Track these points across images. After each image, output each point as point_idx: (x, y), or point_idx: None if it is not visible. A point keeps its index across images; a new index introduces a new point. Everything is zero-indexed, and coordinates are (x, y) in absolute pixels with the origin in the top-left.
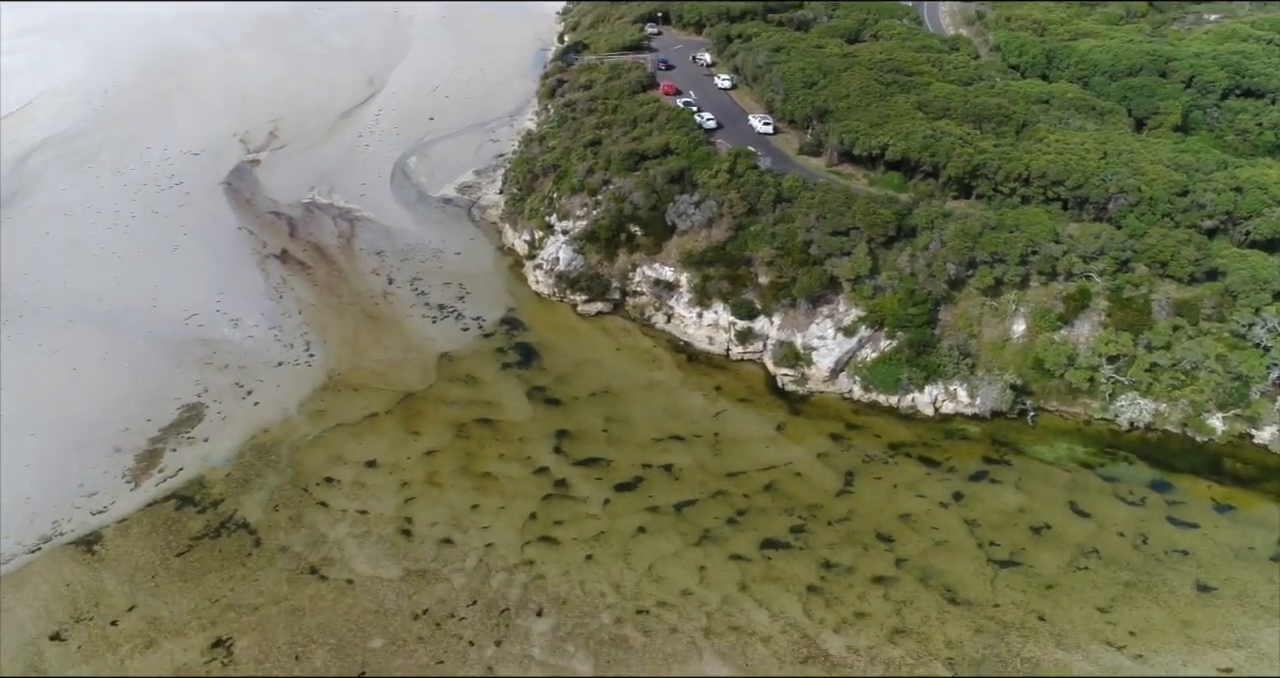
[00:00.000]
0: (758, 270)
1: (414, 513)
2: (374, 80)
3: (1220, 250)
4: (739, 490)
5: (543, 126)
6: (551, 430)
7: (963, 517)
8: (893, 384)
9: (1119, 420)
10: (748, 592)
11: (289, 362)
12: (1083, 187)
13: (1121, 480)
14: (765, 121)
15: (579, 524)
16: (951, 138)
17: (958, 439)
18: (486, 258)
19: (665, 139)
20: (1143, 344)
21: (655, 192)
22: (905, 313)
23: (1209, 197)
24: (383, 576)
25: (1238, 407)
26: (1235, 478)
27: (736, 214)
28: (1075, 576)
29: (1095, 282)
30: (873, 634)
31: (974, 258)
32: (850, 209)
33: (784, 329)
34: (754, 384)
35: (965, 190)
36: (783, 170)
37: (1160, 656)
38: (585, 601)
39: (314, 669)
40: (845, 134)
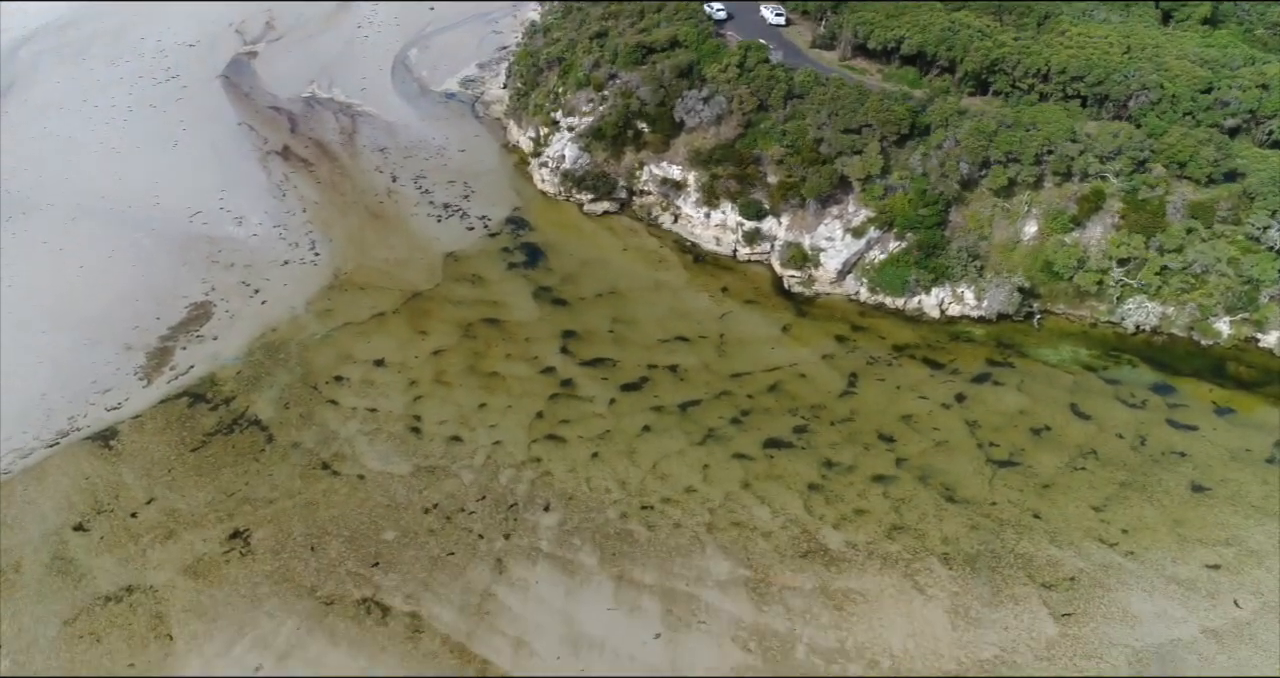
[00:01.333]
0: (766, 169)
1: (422, 411)
2: None
3: (1241, 151)
4: (743, 391)
5: (547, 17)
6: (558, 331)
7: (964, 418)
8: (900, 286)
9: (1125, 324)
10: (750, 489)
11: (294, 260)
12: (1103, 83)
13: (1124, 383)
14: (777, 12)
15: (585, 423)
16: (970, 31)
17: (962, 342)
18: (491, 155)
19: (673, 31)
20: (1155, 247)
21: (663, 87)
22: (915, 214)
23: (1234, 94)
24: (393, 471)
25: (1246, 311)
26: (1237, 381)
27: (746, 111)
28: (1072, 476)
29: (1111, 182)
30: (871, 530)
31: (988, 157)
32: (863, 106)
33: (792, 230)
34: (761, 286)
35: (982, 87)
36: (795, 64)
37: (1150, 553)
38: (591, 496)
39: (329, 559)
40: (860, 26)
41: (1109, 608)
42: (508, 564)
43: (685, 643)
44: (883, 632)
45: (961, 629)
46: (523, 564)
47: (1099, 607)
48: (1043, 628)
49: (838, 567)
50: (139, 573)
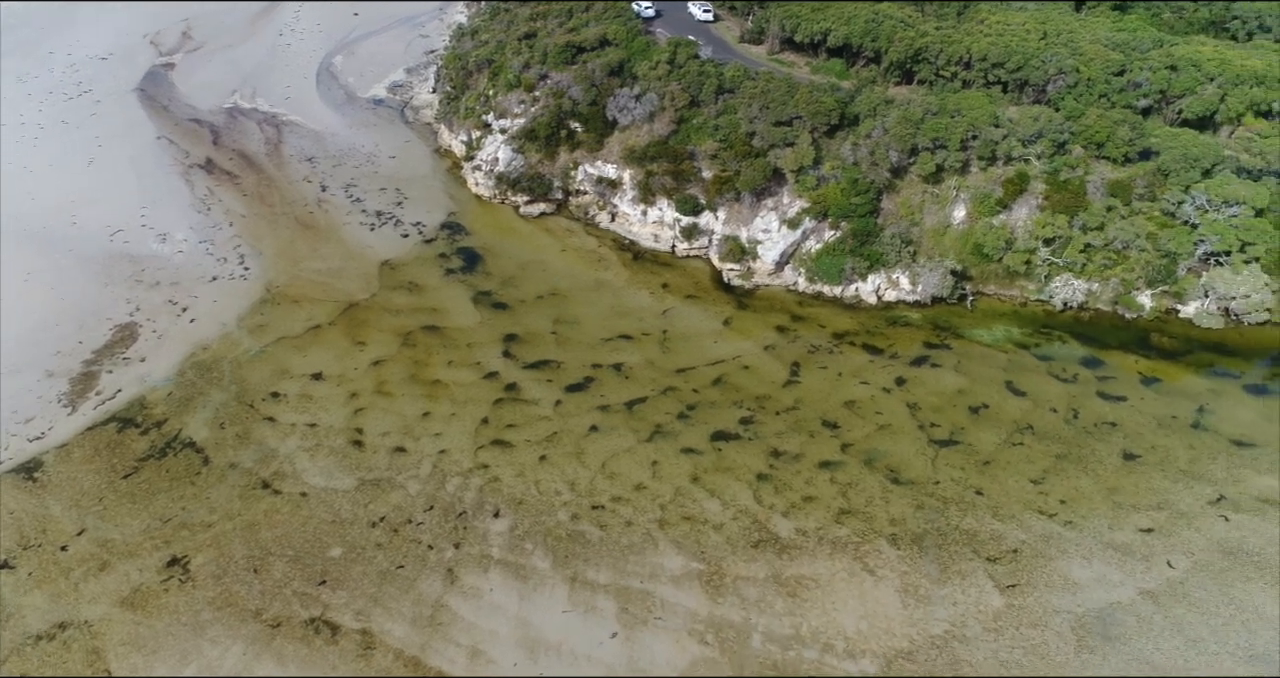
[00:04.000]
0: (701, 165)
1: (364, 424)
2: None
3: (1154, 130)
4: (688, 386)
5: (474, 19)
6: (499, 335)
7: (905, 401)
8: (836, 274)
9: (1054, 301)
10: (699, 483)
11: (223, 276)
12: (1022, 69)
13: (1055, 359)
14: (705, 9)
15: (531, 426)
16: (893, 22)
17: (900, 326)
18: (423, 161)
19: (603, 30)
20: (1077, 225)
21: (594, 86)
22: (848, 203)
23: (1145, 75)
24: (337, 487)
25: (1165, 283)
26: (1161, 352)
27: (678, 107)
28: (1011, 451)
29: (1033, 165)
30: (820, 516)
31: (916, 144)
32: (793, 98)
33: (729, 224)
34: (700, 280)
35: (907, 76)
36: (724, 60)
37: (1088, 521)
38: (541, 500)
39: (274, 580)
40: (786, 20)
41: (1051, 577)
42: (459, 574)
43: (642, 640)
44: (836, 615)
45: (912, 607)
46: (474, 573)
47: (1041, 576)
48: (989, 601)
49: (789, 554)
50: (72, 608)
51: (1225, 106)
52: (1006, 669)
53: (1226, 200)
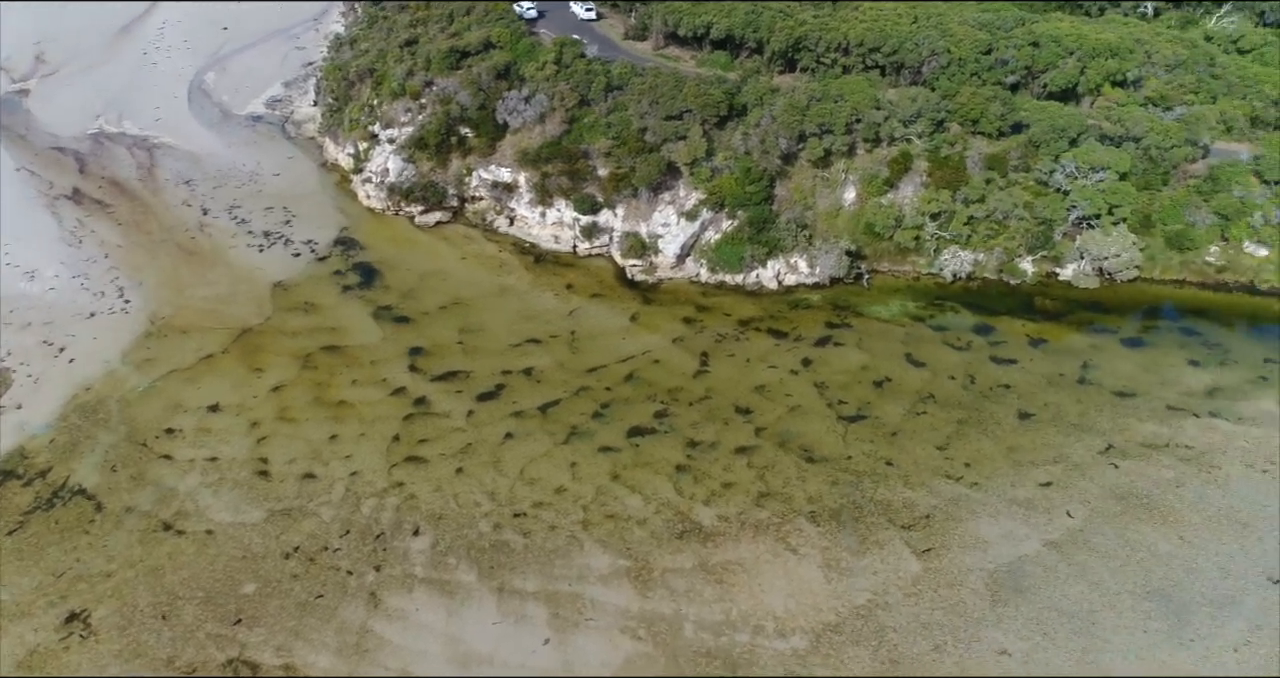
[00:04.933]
0: (596, 163)
1: (269, 453)
2: None
3: (1023, 104)
4: (601, 385)
5: (352, 28)
6: (404, 349)
7: (812, 381)
8: (737, 263)
9: (944, 273)
10: (620, 480)
11: (102, 311)
12: (897, 52)
13: (949, 329)
14: (587, 7)
15: (445, 439)
16: (772, 12)
17: (802, 309)
18: (309, 176)
19: (486, 33)
20: (960, 199)
21: (482, 90)
22: (743, 191)
23: (1010, 53)
24: (245, 521)
25: (1044, 249)
26: (1045, 314)
27: (568, 106)
28: (915, 420)
29: (915, 144)
30: (740, 501)
31: (803, 131)
32: (681, 92)
33: (628, 220)
34: (604, 279)
35: (790, 64)
36: (611, 57)
37: (992, 481)
38: (461, 513)
39: (185, 625)
40: (669, 15)
41: (963, 538)
42: (382, 597)
43: (575, 643)
44: (764, 597)
45: (835, 581)
46: (398, 594)
47: (954, 538)
48: (907, 567)
49: (714, 542)
50: None
51: (1085, 78)
52: (927, 631)
53: (1093, 167)
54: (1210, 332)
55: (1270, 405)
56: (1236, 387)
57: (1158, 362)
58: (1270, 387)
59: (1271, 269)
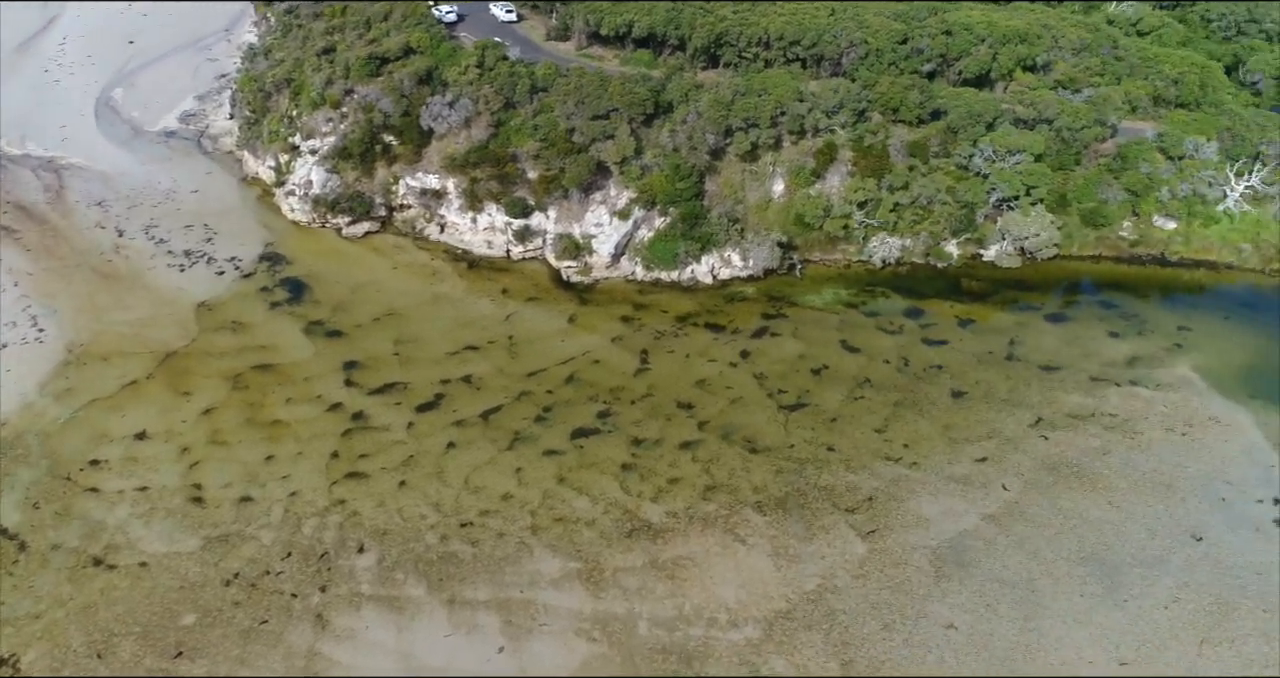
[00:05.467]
0: (525, 166)
1: (202, 478)
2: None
3: (940, 91)
4: (542, 388)
5: (266, 38)
6: (338, 363)
7: (751, 372)
8: (672, 259)
9: (873, 260)
10: (566, 483)
11: (14, 342)
12: (817, 45)
13: (882, 314)
14: (507, 9)
15: (386, 453)
16: (693, 9)
17: (738, 302)
18: (229, 192)
19: (405, 38)
20: (885, 187)
21: (404, 96)
22: (674, 188)
23: (925, 42)
24: (180, 550)
25: (967, 232)
26: (972, 295)
27: (494, 110)
28: (853, 405)
29: (839, 134)
30: (687, 496)
31: (729, 125)
32: (607, 91)
33: (561, 222)
34: (540, 282)
35: (713, 60)
36: (534, 59)
37: (929, 459)
38: (406, 526)
39: (122, 662)
40: (590, 15)
41: (905, 517)
42: (329, 617)
43: (530, 649)
44: (715, 589)
45: (784, 568)
46: (346, 613)
47: (896, 518)
48: (853, 549)
49: (663, 538)
50: None
51: (997, 64)
52: (876, 611)
53: (1009, 150)
54: (1127, 304)
55: (1185, 371)
56: (1153, 355)
57: (1079, 335)
58: (1184, 353)
59: (1180, 241)
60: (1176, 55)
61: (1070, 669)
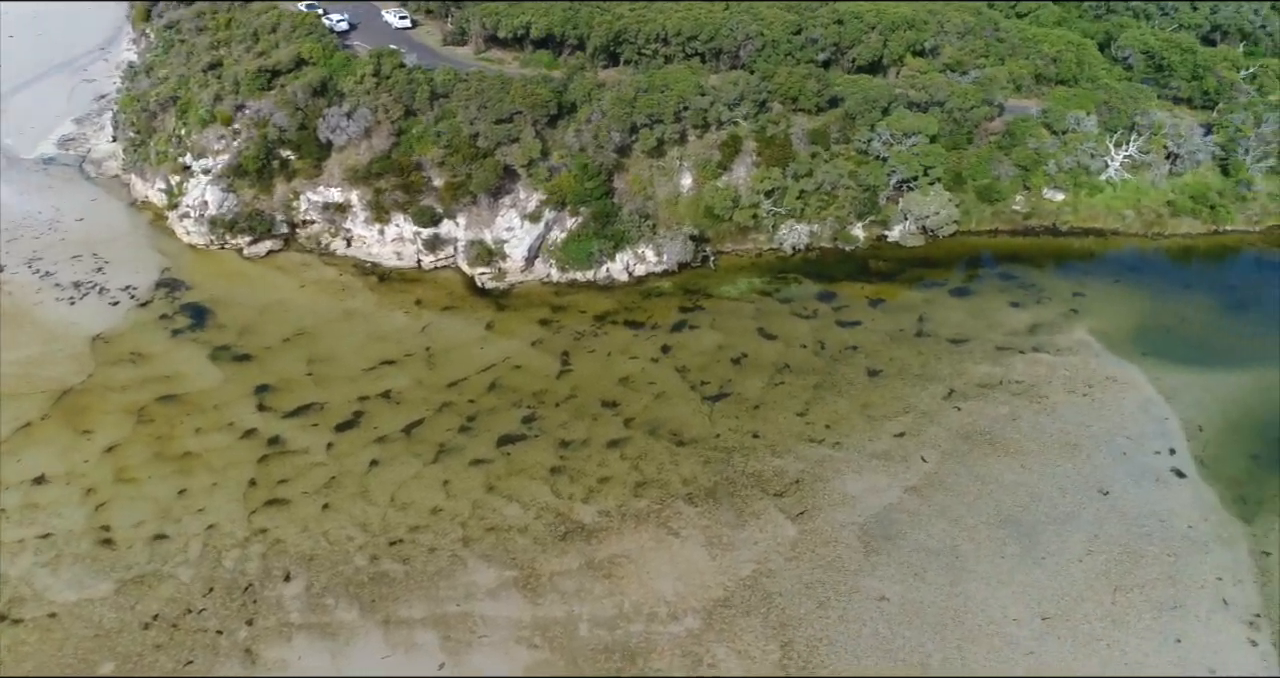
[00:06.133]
0: (430, 174)
1: (110, 519)
2: None
3: (836, 79)
4: (464, 398)
5: (146, 55)
6: (249, 389)
7: (673, 366)
8: (586, 259)
9: (784, 247)
10: (495, 491)
11: None
12: (714, 39)
13: (795, 300)
14: (401, 15)
15: (306, 477)
16: (590, 8)
17: (655, 297)
18: (118, 218)
19: (296, 49)
20: (790, 175)
21: (299, 109)
22: (583, 188)
23: (819, 31)
24: (92, 596)
25: (872, 214)
26: (880, 275)
27: (394, 118)
28: (775, 391)
29: (742, 126)
30: (618, 494)
31: (634, 122)
32: (509, 94)
33: (471, 228)
34: (454, 290)
35: (613, 58)
36: (432, 65)
37: (851, 438)
38: (333, 550)
39: None
40: (486, 18)
41: (831, 496)
42: (259, 651)
43: (471, 662)
44: (653, 584)
45: (719, 557)
46: (276, 645)
47: (823, 498)
48: (784, 532)
49: (597, 538)
50: None
51: (888, 51)
52: (811, 591)
53: (905, 132)
54: (1025, 274)
55: (1082, 334)
56: (1052, 321)
57: (983, 307)
58: (1081, 318)
59: (1069, 211)
60: (1054, 34)
61: (997, 628)
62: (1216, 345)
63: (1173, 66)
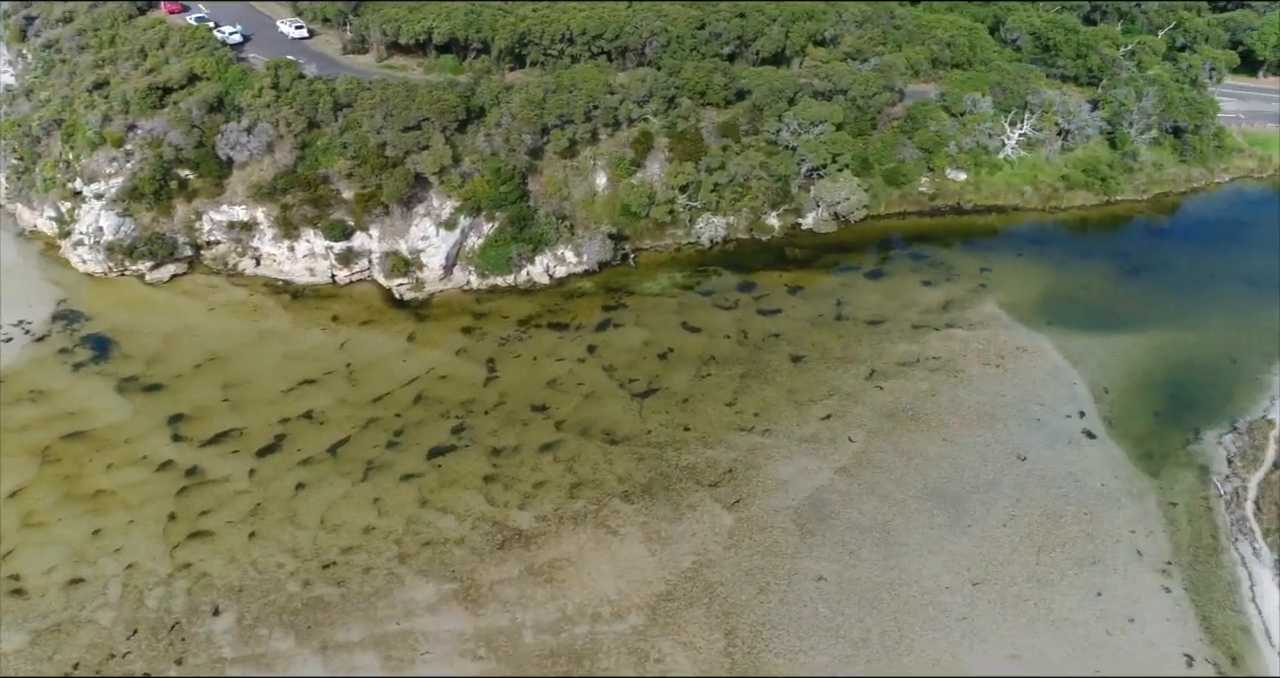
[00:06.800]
0: (339, 186)
1: (20, 567)
2: None
3: (741, 72)
4: (389, 412)
5: (25, 77)
6: (162, 419)
7: (601, 366)
8: (506, 264)
9: (702, 241)
10: (429, 505)
11: None
12: (620, 37)
13: (717, 292)
14: (297, 26)
15: (230, 506)
16: (492, 10)
17: (577, 298)
18: (5, 250)
19: (188, 65)
20: (703, 169)
21: (196, 126)
22: (497, 192)
23: (721, 26)
24: (5, 650)
25: (785, 203)
26: (797, 262)
27: (297, 131)
28: (702, 383)
29: (653, 122)
30: (554, 497)
31: (545, 124)
32: (415, 101)
33: (385, 239)
34: (372, 303)
35: (519, 60)
36: (333, 75)
37: (780, 424)
38: (263, 579)
39: None
40: (386, 24)
41: (765, 483)
42: None
43: None
44: (595, 584)
45: (659, 552)
46: None
47: (757, 485)
48: (721, 522)
49: (536, 543)
50: None
51: (790, 41)
52: (751, 577)
53: (812, 121)
54: (934, 253)
55: (992, 308)
56: (963, 298)
57: (897, 288)
58: (989, 292)
59: (971, 190)
60: (946, 20)
61: (931, 598)
62: (1116, 310)
63: (1058, 46)
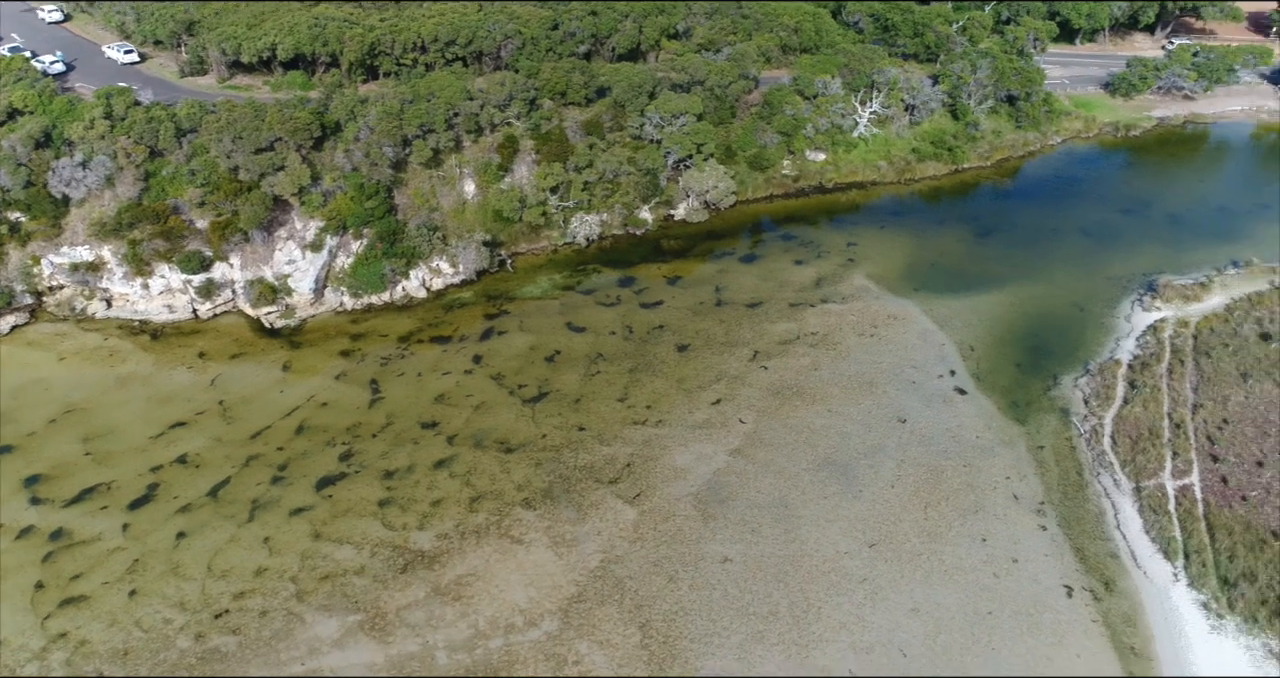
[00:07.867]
0: (190, 216)
1: None
2: None
3: (599, 70)
4: (271, 447)
5: None
6: (16, 483)
7: (488, 375)
8: (379, 281)
9: (577, 240)
10: (323, 537)
11: None
12: (473, 42)
13: (598, 289)
14: (126, 50)
15: (104, 566)
16: (337, 22)
17: (457, 309)
18: None
19: (6, 99)
20: (571, 169)
21: (22, 164)
22: (362, 209)
23: (575, 25)
24: None
25: (656, 196)
26: (673, 253)
27: (138, 163)
28: (592, 382)
29: (516, 126)
30: (454, 514)
31: (405, 135)
32: (264, 121)
33: (248, 267)
34: (241, 335)
35: (372, 72)
36: (172, 99)
37: (672, 414)
38: (150, 638)
39: None
40: (225, 43)
41: (663, 473)
42: None
43: None
44: (505, 595)
45: (566, 555)
46: None
47: (656, 477)
48: (625, 517)
49: (440, 562)
50: None
51: (644, 36)
52: (659, 567)
53: (673, 114)
54: (803, 233)
55: (861, 281)
56: (834, 273)
57: (772, 269)
58: (857, 266)
59: (831, 169)
60: (792, 7)
61: (832, 564)
62: (973, 272)
63: (897, 26)
